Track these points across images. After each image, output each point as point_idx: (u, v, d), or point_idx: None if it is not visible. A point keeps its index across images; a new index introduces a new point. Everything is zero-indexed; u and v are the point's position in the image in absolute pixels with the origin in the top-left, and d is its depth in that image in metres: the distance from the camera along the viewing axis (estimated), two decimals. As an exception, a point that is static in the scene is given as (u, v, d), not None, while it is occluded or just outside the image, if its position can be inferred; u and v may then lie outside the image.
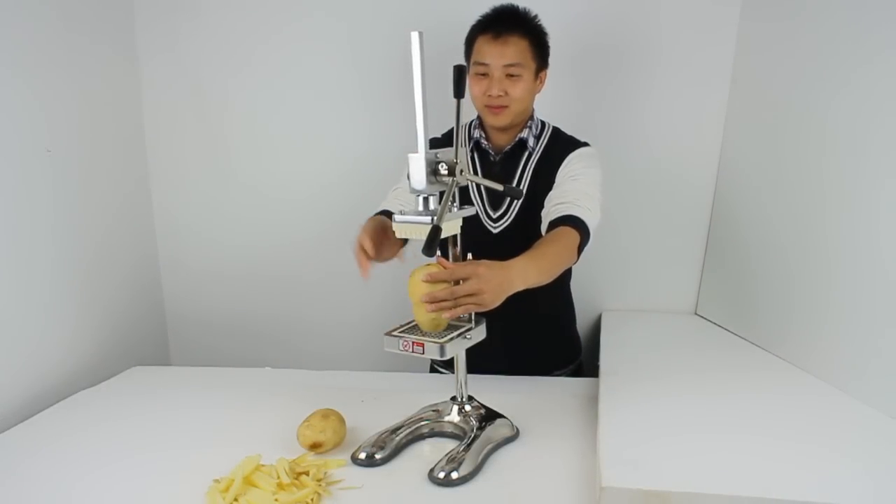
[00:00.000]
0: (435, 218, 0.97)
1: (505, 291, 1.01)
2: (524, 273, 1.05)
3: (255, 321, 1.98)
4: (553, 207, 1.23)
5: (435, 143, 1.45)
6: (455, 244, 1.08)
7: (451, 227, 1.03)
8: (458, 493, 0.99)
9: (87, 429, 1.25)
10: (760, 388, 1.23)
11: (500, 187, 1.06)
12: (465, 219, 1.07)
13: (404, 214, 1.02)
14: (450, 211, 1.01)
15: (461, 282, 0.99)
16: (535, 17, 1.32)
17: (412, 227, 1.00)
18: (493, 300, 1.00)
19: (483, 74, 1.29)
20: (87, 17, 1.63)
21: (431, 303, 0.98)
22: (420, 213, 1.01)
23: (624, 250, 1.76)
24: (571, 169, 1.30)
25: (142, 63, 1.84)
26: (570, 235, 1.17)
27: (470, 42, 1.33)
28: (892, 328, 1.10)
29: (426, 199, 1.03)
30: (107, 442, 1.19)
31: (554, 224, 1.20)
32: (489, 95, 1.28)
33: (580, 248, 1.19)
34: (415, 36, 0.95)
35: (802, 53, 1.36)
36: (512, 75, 1.27)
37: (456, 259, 1.08)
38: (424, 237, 0.97)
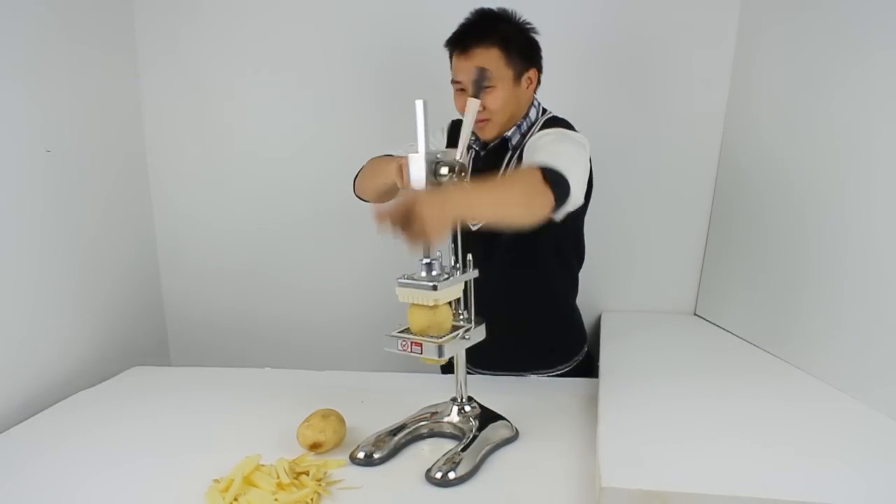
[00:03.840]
0: (437, 285, 0.99)
1: (446, 214, 0.92)
2: (466, 198, 0.98)
3: (255, 321, 1.98)
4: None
5: (453, 127, 1.43)
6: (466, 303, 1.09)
7: (453, 291, 1.04)
8: (457, 493, 0.99)
9: (87, 429, 1.25)
10: (760, 388, 1.23)
11: None
12: None
13: (406, 279, 1.02)
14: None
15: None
16: (511, 17, 1.26)
17: (414, 291, 1.01)
18: (437, 224, 0.89)
19: (462, 90, 1.27)
20: (87, 18, 1.63)
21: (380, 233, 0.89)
22: (422, 280, 1.01)
23: (624, 250, 1.76)
24: (536, 143, 1.21)
25: (142, 63, 1.84)
26: (531, 173, 1.05)
27: (449, 57, 1.31)
28: (892, 328, 1.10)
29: None
30: (106, 442, 1.19)
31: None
32: None
33: (555, 192, 1.03)
34: (419, 104, 0.97)
35: (802, 53, 1.36)
36: (485, 87, 1.21)
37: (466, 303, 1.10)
38: (426, 302, 0.99)
